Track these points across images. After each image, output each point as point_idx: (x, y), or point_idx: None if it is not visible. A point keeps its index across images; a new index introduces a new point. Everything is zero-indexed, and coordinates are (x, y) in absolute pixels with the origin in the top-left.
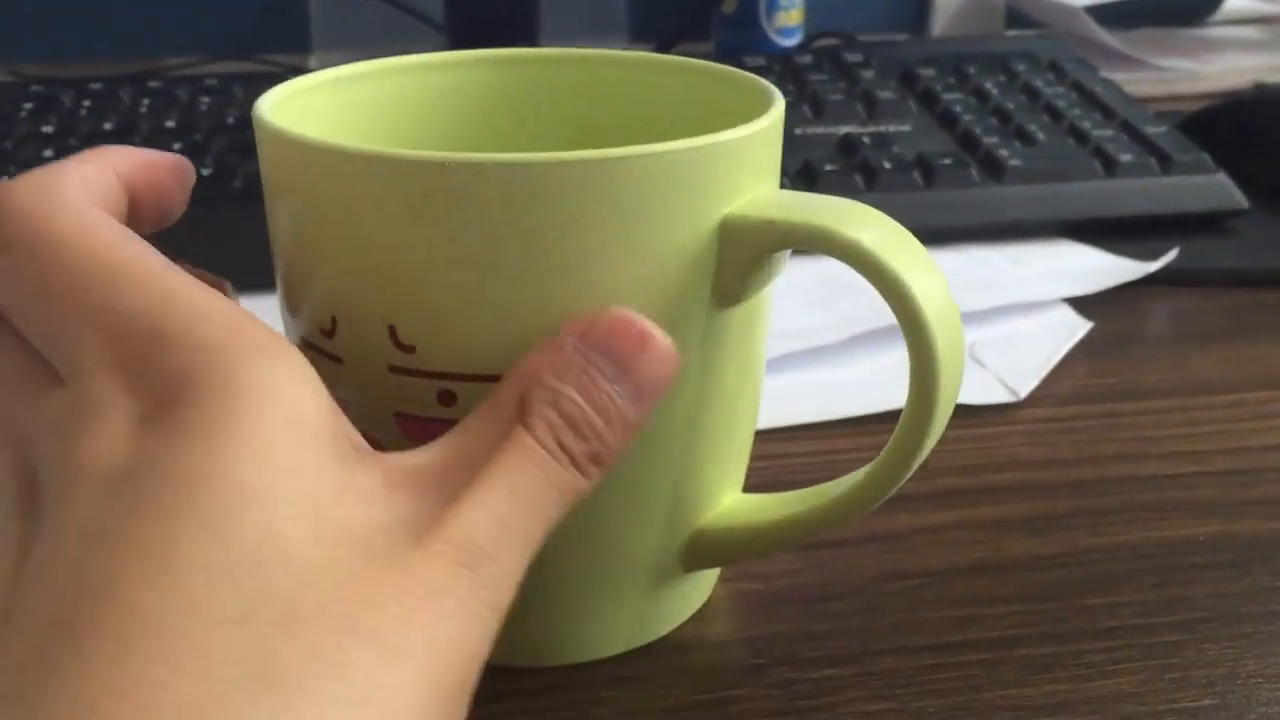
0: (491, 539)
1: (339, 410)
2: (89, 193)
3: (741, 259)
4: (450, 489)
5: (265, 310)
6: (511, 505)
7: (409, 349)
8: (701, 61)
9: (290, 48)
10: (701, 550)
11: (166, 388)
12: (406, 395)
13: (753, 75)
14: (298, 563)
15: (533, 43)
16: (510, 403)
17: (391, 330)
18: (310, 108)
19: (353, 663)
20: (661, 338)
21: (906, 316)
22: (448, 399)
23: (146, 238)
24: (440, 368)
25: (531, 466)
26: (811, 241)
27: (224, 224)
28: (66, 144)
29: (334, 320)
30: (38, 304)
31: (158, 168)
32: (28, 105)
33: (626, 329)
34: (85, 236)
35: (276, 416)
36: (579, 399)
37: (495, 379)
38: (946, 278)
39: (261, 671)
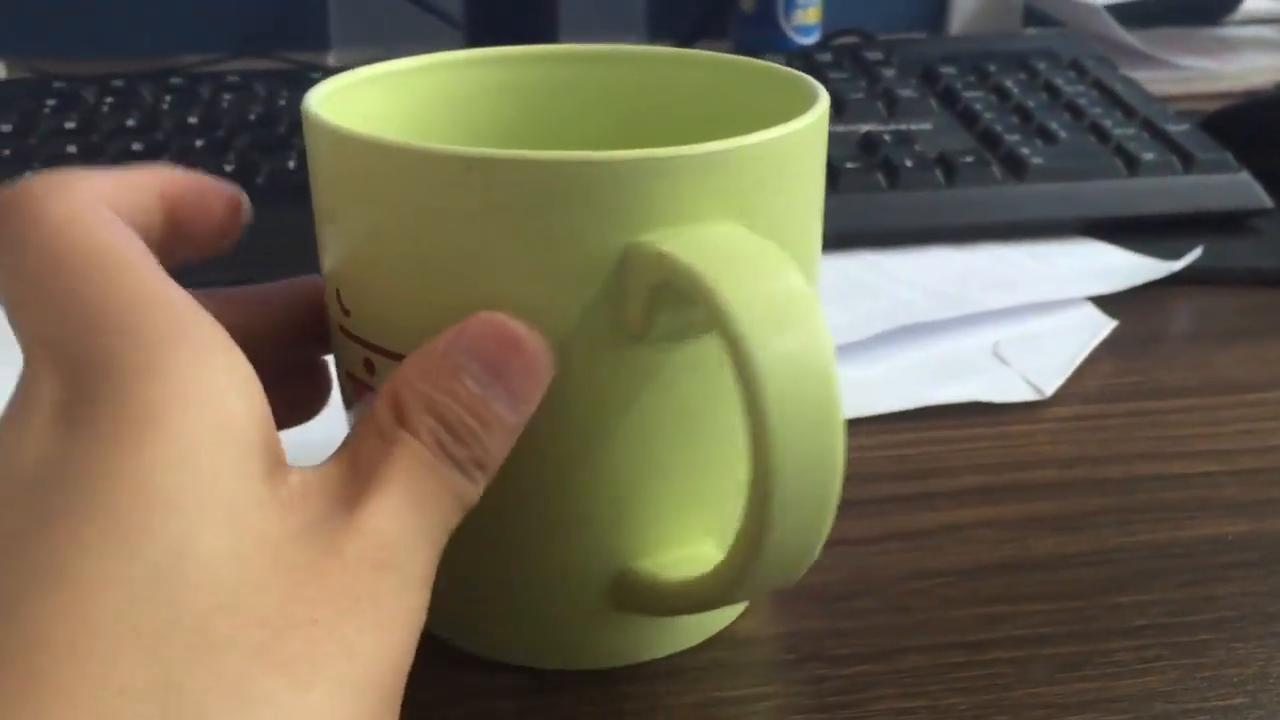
0: (402, 543)
1: (270, 419)
2: (104, 193)
3: (639, 291)
4: (353, 499)
5: None
6: (412, 509)
7: (347, 313)
8: (761, 62)
9: (308, 45)
10: (624, 594)
11: (92, 375)
12: (349, 357)
13: (801, 75)
14: (212, 580)
15: (552, 40)
16: (388, 411)
17: (337, 293)
18: (357, 101)
19: (264, 695)
20: (533, 342)
21: (743, 390)
22: (369, 368)
23: (192, 264)
24: (364, 336)
25: (423, 470)
26: (685, 285)
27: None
28: (89, 140)
29: (323, 278)
30: (11, 283)
31: (208, 192)
32: (50, 102)
33: (498, 332)
34: (70, 225)
35: (203, 419)
36: (454, 404)
37: (400, 358)
38: (832, 364)
39: (168, 706)
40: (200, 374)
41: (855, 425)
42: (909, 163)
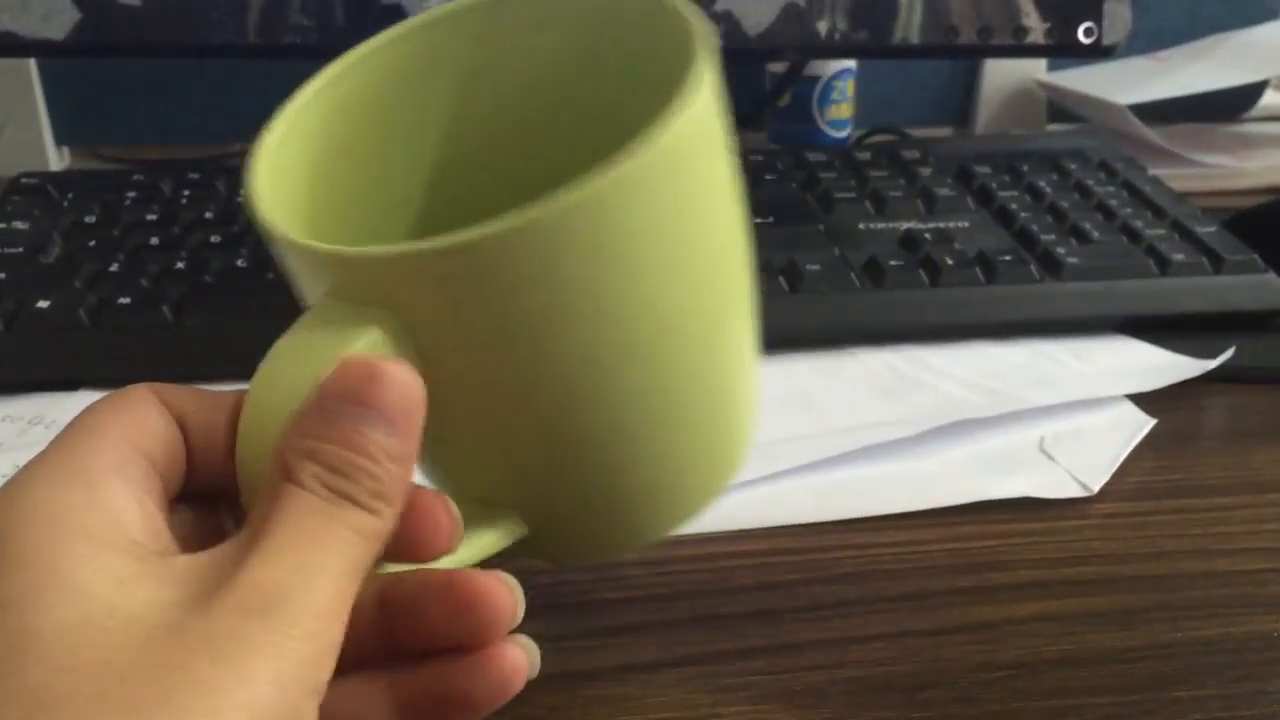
0: (285, 580)
1: (156, 521)
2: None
3: None
4: (240, 558)
5: None
6: (298, 547)
7: None
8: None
9: None
10: None
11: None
12: None
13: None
14: (53, 651)
15: None
16: (275, 474)
17: None
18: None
19: None
20: (397, 370)
21: None
22: None
23: None
24: None
25: (308, 511)
26: None
27: None
28: (170, 232)
29: None
30: None
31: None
32: (131, 194)
33: (361, 370)
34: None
35: (58, 531)
36: (331, 446)
37: None
38: None
39: None
40: (62, 489)
41: (912, 518)
42: (950, 260)
